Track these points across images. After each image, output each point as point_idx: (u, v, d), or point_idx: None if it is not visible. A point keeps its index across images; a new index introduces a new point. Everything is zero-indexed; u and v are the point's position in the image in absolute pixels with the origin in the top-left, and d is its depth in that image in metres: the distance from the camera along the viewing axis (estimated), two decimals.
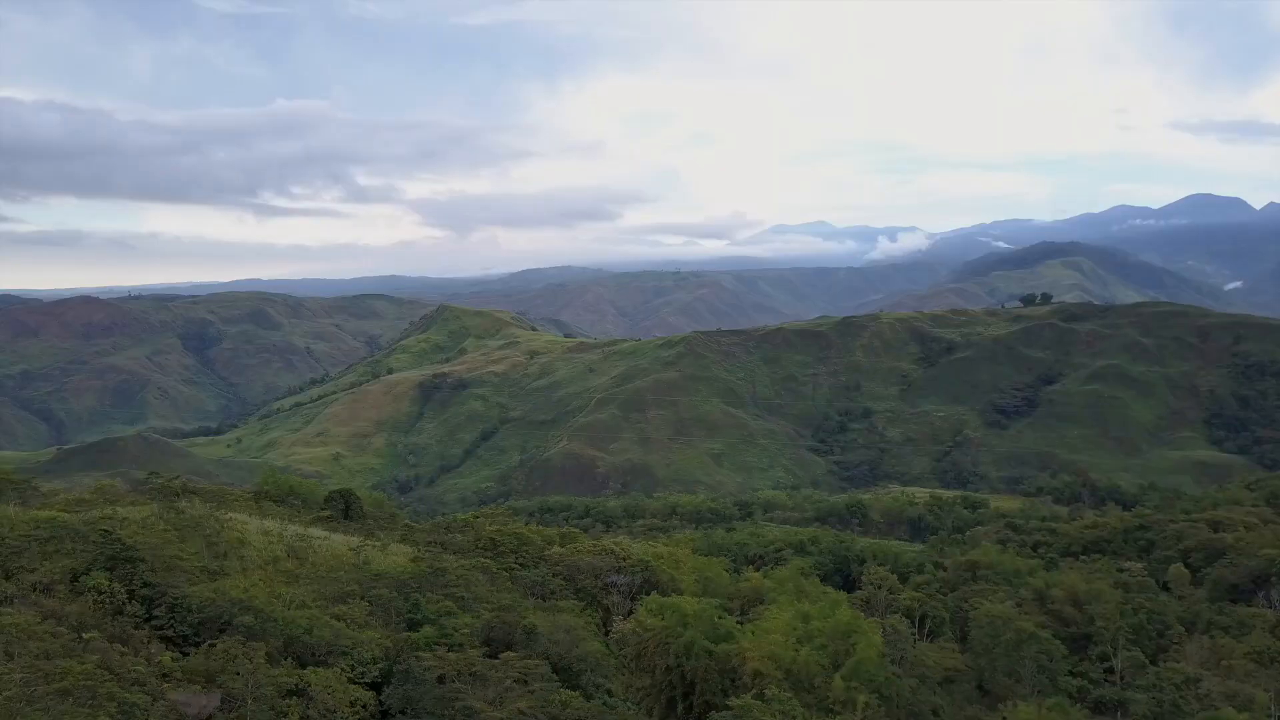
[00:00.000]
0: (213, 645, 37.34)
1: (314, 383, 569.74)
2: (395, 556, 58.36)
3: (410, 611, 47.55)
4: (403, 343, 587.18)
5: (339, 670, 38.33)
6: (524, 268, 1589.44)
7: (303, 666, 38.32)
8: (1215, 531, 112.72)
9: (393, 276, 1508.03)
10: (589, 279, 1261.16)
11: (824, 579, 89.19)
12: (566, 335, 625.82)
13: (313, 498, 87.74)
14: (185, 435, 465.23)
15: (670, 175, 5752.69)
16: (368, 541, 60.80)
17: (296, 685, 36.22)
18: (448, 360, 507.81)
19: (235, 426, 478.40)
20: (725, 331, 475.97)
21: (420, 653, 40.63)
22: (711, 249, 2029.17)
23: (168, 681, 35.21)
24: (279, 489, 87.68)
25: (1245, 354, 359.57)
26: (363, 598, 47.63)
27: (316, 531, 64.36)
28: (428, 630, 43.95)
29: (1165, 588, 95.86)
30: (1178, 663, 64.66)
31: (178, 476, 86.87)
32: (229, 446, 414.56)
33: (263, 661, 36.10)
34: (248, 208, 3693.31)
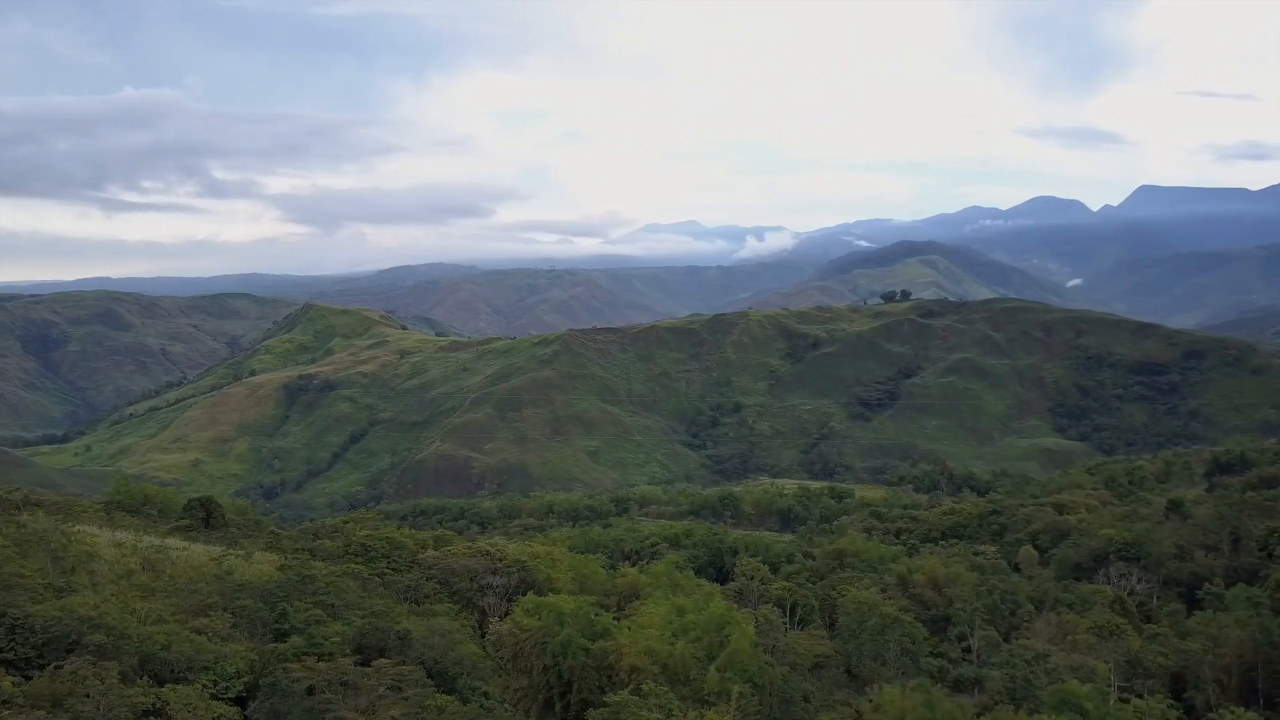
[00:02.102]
0: (59, 667, 35.10)
1: (170, 386, 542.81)
2: (261, 565, 56.32)
3: (277, 621, 45.95)
4: (266, 343, 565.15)
5: (200, 687, 36.72)
6: (393, 265, 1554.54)
7: (160, 685, 36.54)
8: (1060, 514, 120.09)
9: (254, 274, 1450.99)
10: (461, 277, 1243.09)
11: (698, 572, 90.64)
12: (439, 334, 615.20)
13: (170, 507, 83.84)
14: (28, 444, 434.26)
15: (543, 173, 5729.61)
16: (230, 551, 58.53)
17: (154, 705, 34.48)
18: (314, 361, 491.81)
19: (84, 434, 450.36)
20: (601, 329, 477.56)
21: (288, 664, 39.30)
22: (586, 247, 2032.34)
23: (9, 708, 32.95)
24: (133, 498, 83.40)
25: (1085, 347, 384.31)
26: (226, 609, 45.79)
27: (174, 542, 61.55)
28: (296, 640, 42.57)
29: (1016, 569, 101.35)
30: (1028, 639, 68.49)
31: (18, 488, 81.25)
32: (77, 455, 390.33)
33: (115, 682, 34.22)
34: (93, 202, 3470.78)
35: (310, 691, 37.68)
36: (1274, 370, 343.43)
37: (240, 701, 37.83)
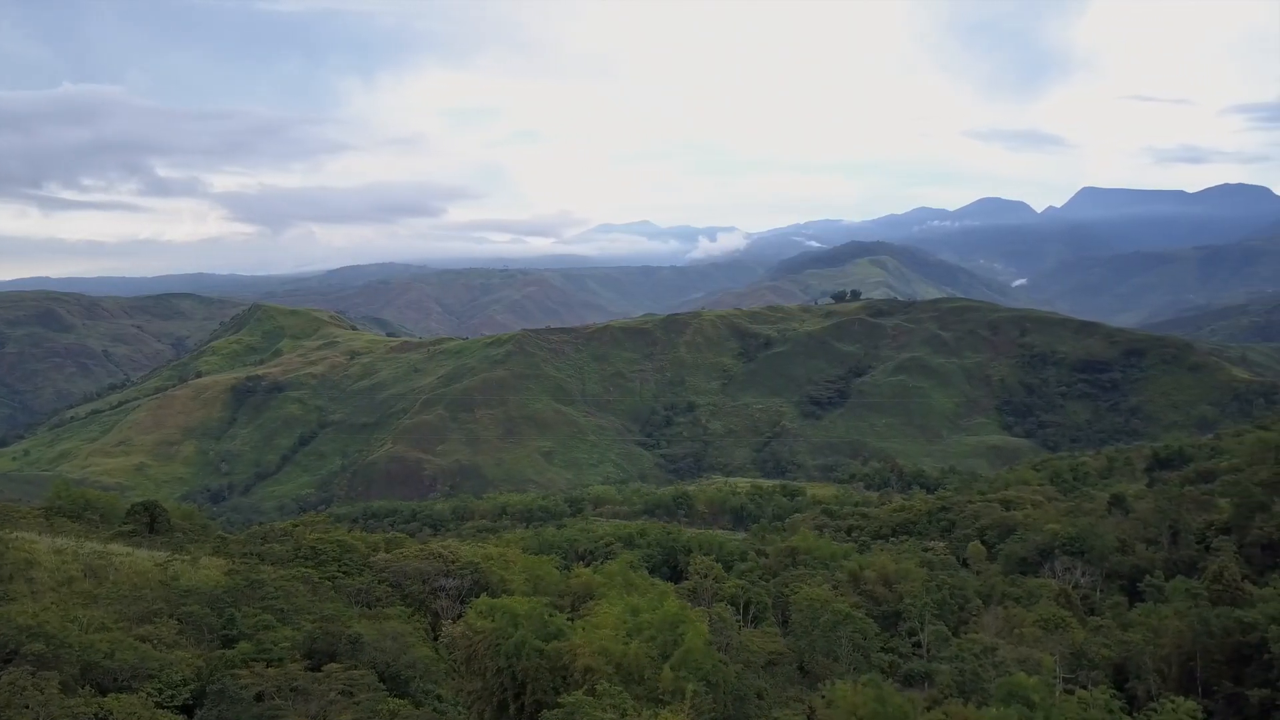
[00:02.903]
0: None
1: (113, 388, 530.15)
2: (207, 570, 55.40)
3: (225, 628, 45.21)
4: (212, 344, 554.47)
5: (145, 695, 36.01)
6: (343, 265, 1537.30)
7: (103, 694, 35.74)
8: (1007, 510, 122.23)
9: (199, 274, 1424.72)
10: (412, 276, 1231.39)
11: (652, 571, 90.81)
12: (389, 334, 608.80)
13: (113, 512, 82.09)
14: None
15: (495, 172, 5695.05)
16: (176, 556, 57.48)
17: (97, 715, 33.74)
18: (262, 362, 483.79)
19: (22, 437, 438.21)
20: (554, 329, 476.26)
21: (236, 670, 38.69)
22: (539, 247, 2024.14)
23: None
24: (74, 503, 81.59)
25: (1030, 346, 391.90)
26: (171, 616, 44.97)
27: (118, 548, 60.31)
28: (244, 646, 41.91)
29: (965, 564, 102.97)
30: (976, 633, 69.59)
31: None
32: (15, 460, 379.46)
33: (56, 692, 33.42)
34: (31, 200, 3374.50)
35: (259, 698, 37.14)
36: (1210, 368, 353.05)
37: (187, 709, 37.19)
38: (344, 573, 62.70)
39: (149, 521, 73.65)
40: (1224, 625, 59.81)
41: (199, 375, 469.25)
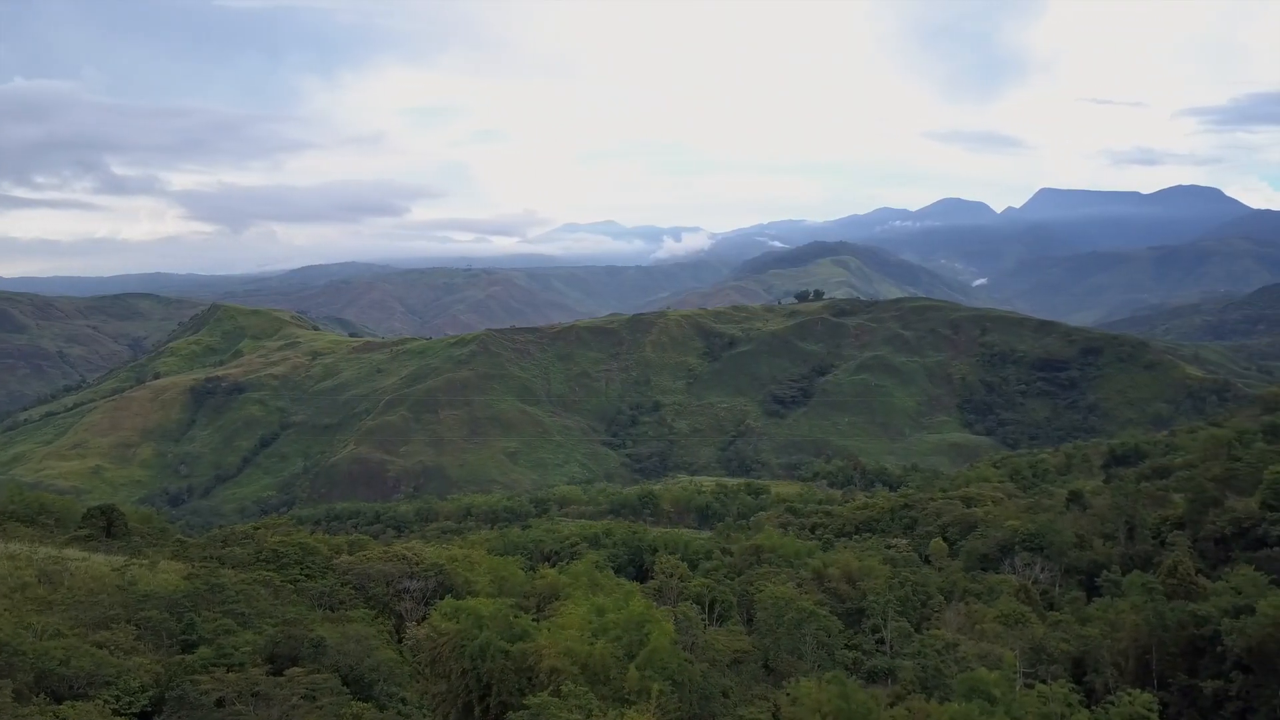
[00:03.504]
0: None
1: (68, 390, 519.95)
2: (166, 575, 54.61)
3: (184, 633, 44.59)
4: (171, 345, 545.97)
5: (102, 703, 35.40)
6: (304, 264, 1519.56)
7: (59, 702, 35.12)
8: (968, 507, 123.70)
9: (157, 274, 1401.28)
10: (375, 276, 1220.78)
11: (618, 571, 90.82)
12: (352, 334, 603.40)
13: (68, 516, 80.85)
14: None
15: (459, 171, 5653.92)
16: (134, 560, 56.56)
17: None
18: (222, 363, 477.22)
19: None
20: (519, 329, 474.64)
21: (196, 676, 38.16)
22: (503, 246, 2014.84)
23: None
24: (27, 508, 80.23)
25: (990, 344, 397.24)
26: (129, 621, 44.24)
27: (73, 553, 59.28)
28: (204, 651, 41.37)
29: (927, 561, 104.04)
30: (939, 630, 70.30)
31: None
32: None
33: (9, 700, 32.82)
34: None
35: (220, 704, 36.68)
36: (1165, 366, 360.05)
37: (145, 717, 36.66)
38: (306, 576, 62.10)
39: (106, 525, 72.50)
40: (1179, 619, 61.03)
41: (157, 376, 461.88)
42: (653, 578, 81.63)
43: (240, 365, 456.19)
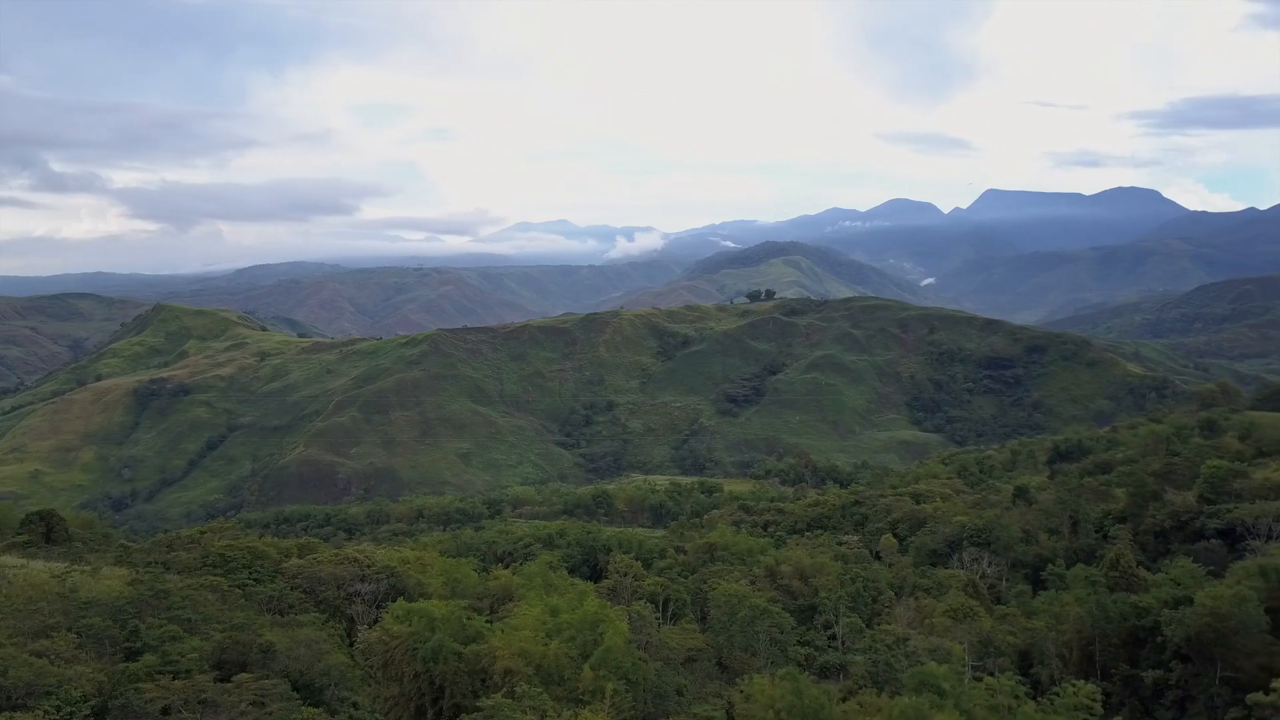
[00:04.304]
0: None
1: (6, 393, 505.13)
2: (109, 581, 53.40)
3: (128, 640, 43.64)
4: (113, 346, 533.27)
5: (42, 713, 34.59)
6: (252, 264, 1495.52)
7: None
8: (917, 503, 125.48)
9: (99, 274, 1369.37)
10: (324, 275, 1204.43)
11: (572, 571, 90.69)
12: (300, 335, 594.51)
13: (6, 522, 78.69)
14: None
15: (409, 170, 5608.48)
16: (75, 567, 55.27)
17: None
18: (166, 364, 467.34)
19: None
20: (471, 329, 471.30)
21: (140, 684, 37.40)
22: (455, 245, 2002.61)
23: None
24: None
25: (938, 343, 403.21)
26: (70, 629, 43.22)
27: (11, 560, 57.79)
28: (149, 658, 40.53)
29: (878, 557, 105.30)
30: (889, 625, 71.26)
31: None
32: None
33: None
34: None
35: (166, 711, 36.01)
36: (1106, 364, 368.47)
37: None
38: (255, 580, 61.16)
39: (45, 531, 70.73)
40: (1120, 610, 62.55)
41: (99, 378, 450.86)
42: (607, 577, 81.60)
43: (186, 366, 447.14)
